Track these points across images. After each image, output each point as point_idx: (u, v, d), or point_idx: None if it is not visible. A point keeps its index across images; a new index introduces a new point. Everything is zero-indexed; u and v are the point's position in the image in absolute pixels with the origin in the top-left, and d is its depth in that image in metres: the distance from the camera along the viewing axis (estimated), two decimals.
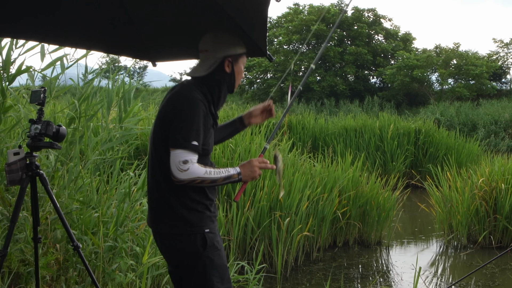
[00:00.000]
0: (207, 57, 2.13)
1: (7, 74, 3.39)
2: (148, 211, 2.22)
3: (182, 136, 1.96)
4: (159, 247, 2.24)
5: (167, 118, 2.03)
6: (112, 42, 2.65)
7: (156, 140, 2.09)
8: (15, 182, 2.63)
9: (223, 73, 2.13)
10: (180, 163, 1.94)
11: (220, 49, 2.12)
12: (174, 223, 2.08)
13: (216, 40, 2.14)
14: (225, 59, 2.12)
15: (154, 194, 2.15)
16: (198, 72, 2.12)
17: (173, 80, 37.87)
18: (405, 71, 25.01)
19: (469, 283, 5.19)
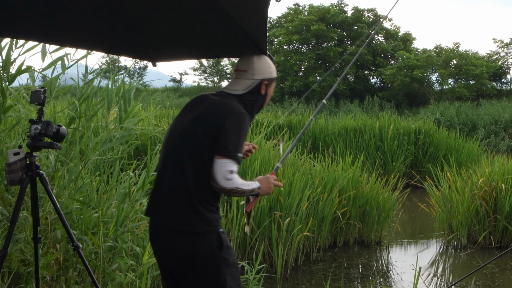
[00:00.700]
0: (245, 77, 2.26)
1: (7, 74, 3.39)
2: (159, 208, 2.19)
3: (233, 147, 2.10)
4: (165, 245, 2.19)
5: (213, 127, 2.12)
6: (112, 42, 2.65)
7: (191, 144, 2.14)
8: (15, 182, 2.63)
9: (258, 94, 2.27)
10: (227, 172, 2.07)
11: (259, 72, 2.26)
12: (192, 221, 2.12)
13: (256, 62, 2.27)
14: (262, 81, 2.26)
15: (174, 193, 2.15)
16: (235, 90, 2.25)
17: (173, 80, 37.84)
18: (405, 71, 25.02)
19: (469, 283, 5.19)
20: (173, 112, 9.70)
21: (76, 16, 2.33)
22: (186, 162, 2.14)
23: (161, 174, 2.24)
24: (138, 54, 2.78)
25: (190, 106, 2.30)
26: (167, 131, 2.31)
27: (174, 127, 2.27)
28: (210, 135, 2.11)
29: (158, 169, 2.28)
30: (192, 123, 2.18)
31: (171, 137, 2.25)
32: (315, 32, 27.60)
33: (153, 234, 2.26)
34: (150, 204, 2.27)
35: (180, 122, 2.25)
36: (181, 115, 2.30)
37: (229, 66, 35.06)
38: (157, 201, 2.21)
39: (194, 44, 2.55)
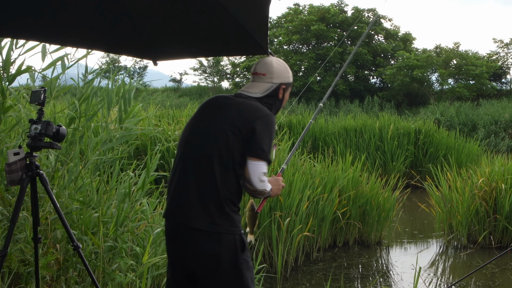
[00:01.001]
0: (263, 80, 2.27)
1: (7, 74, 3.38)
2: (182, 208, 2.16)
3: (267, 149, 2.13)
4: (187, 246, 2.15)
5: (244, 128, 2.13)
6: (113, 41, 2.65)
7: (220, 144, 2.13)
8: (15, 182, 2.63)
9: (276, 98, 2.29)
10: (261, 174, 2.11)
11: (278, 76, 2.27)
12: (218, 221, 2.12)
13: (275, 66, 2.28)
14: (280, 85, 2.28)
15: (201, 193, 2.13)
16: (253, 93, 2.26)
17: (173, 80, 37.82)
18: (405, 71, 25.01)
19: (469, 283, 5.19)
20: (173, 112, 9.69)
21: (76, 16, 2.33)
22: (214, 162, 2.12)
23: (182, 175, 2.19)
24: (139, 53, 2.78)
25: (209, 107, 2.28)
26: (185, 132, 2.29)
27: (195, 128, 2.25)
28: (241, 136, 2.12)
29: (177, 169, 2.23)
30: (219, 124, 2.16)
31: (193, 138, 2.23)
32: (315, 32, 27.60)
33: (172, 236, 2.22)
34: (170, 205, 2.22)
35: (202, 123, 2.23)
36: (201, 115, 2.28)
37: (229, 66, 35.04)
38: (179, 201, 2.18)
39: (195, 42, 2.55)
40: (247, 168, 2.11)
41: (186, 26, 2.38)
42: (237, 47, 2.61)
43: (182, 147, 2.27)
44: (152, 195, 4.77)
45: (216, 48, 2.76)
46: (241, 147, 2.12)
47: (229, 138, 2.12)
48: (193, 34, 2.38)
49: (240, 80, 32.55)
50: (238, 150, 2.12)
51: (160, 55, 2.69)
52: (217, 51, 3.60)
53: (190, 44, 2.56)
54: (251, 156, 2.11)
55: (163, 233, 3.82)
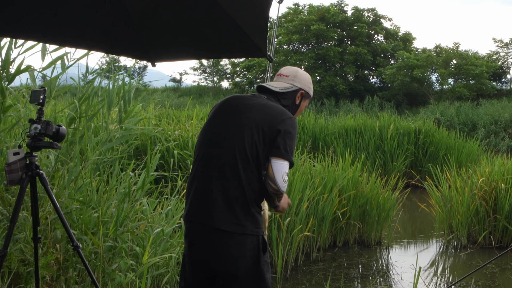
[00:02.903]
0: (285, 81, 2.33)
1: (6, 73, 3.38)
2: (206, 210, 2.14)
3: (291, 150, 2.14)
4: (211, 248, 2.13)
5: (269, 129, 2.14)
6: (112, 42, 2.65)
7: (244, 145, 2.13)
8: (15, 182, 2.62)
9: (292, 101, 2.33)
10: (285, 174, 2.11)
11: (299, 81, 2.34)
12: (245, 222, 2.11)
13: (300, 73, 2.37)
14: (299, 90, 2.33)
15: (227, 194, 2.11)
16: (273, 86, 2.29)
17: (173, 80, 37.82)
18: (405, 71, 25.01)
19: (469, 283, 5.19)
20: (173, 112, 9.69)
21: (75, 16, 2.33)
22: (238, 163, 2.11)
23: (204, 176, 2.17)
24: (138, 54, 2.78)
25: (229, 107, 2.26)
26: (205, 133, 2.27)
27: (216, 128, 2.23)
28: (265, 138, 2.13)
29: (198, 171, 2.21)
30: (243, 125, 2.15)
31: (214, 138, 2.21)
32: (315, 32, 27.59)
33: (195, 237, 2.19)
34: (193, 207, 2.19)
35: (223, 124, 2.21)
36: (221, 116, 2.25)
37: (229, 66, 35.05)
38: (203, 203, 2.15)
39: (194, 44, 2.55)
40: (271, 167, 2.10)
41: (185, 28, 2.38)
42: (236, 49, 2.61)
43: (202, 148, 2.25)
44: (152, 195, 4.77)
45: (215, 50, 2.76)
46: (265, 148, 2.13)
47: (254, 139, 2.12)
48: (192, 36, 2.38)
49: (240, 80, 32.55)
50: (262, 151, 2.12)
51: (159, 57, 2.69)
52: (216, 53, 3.59)
53: (189, 45, 2.56)
54: (275, 156, 2.11)
55: (163, 233, 3.82)
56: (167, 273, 3.85)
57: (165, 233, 3.83)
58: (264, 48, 2.32)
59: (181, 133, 6.66)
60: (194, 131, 6.67)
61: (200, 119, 8.67)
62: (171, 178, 5.75)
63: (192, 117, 7.89)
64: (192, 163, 6.16)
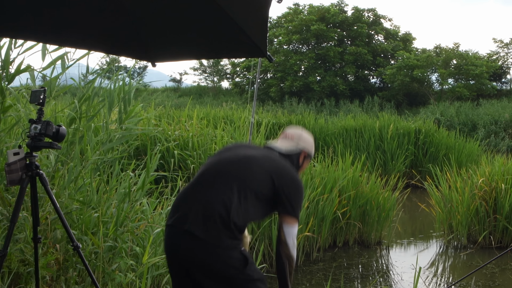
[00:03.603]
0: (290, 142, 2.52)
1: (6, 73, 3.38)
2: (189, 217, 2.21)
3: (298, 210, 2.32)
4: (185, 248, 2.20)
5: (278, 181, 2.28)
6: (111, 42, 2.65)
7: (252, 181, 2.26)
8: (15, 182, 2.62)
9: (296, 162, 2.49)
10: (294, 237, 2.31)
11: (304, 143, 2.52)
12: (221, 236, 2.18)
13: (304, 135, 2.56)
14: (302, 151, 2.51)
15: (212, 208, 2.19)
16: (279, 148, 2.48)
17: (173, 80, 37.83)
18: (405, 71, 25.00)
19: (469, 283, 5.19)
20: (173, 112, 9.68)
21: (75, 16, 2.33)
22: (238, 187, 2.22)
23: (200, 187, 2.27)
24: (138, 54, 2.78)
25: (245, 145, 2.50)
26: (216, 156, 2.43)
27: (226, 155, 2.39)
28: (272, 187, 2.27)
29: (198, 182, 2.30)
30: (256, 163, 2.31)
31: (226, 161, 2.34)
32: (315, 32, 27.58)
33: (172, 239, 2.25)
34: (180, 213, 2.25)
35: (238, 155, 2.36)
36: (238, 150, 2.43)
37: (229, 66, 35.04)
38: (189, 211, 2.22)
39: (194, 44, 2.55)
40: (283, 231, 2.29)
41: (185, 27, 2.38)
42: (236, 49, 2.61)
43: (212, 165, 2.36)
44: (152, 195, 4.77)
45: (215, 50, 2.76)
46: (267, 194, 2.26)
47: (261, 180, 2.26)
48: (192, 36, 2.38)
49: (240, 80, 32.53)
50: (266, 194, 2.26)
51: (158, 57, 2.68)
52: (216, 53, 3.59)
53: (189, 45, 2.56)
54: (284, 213, 2.29)
55: (163, 233, 3.82)
56: (167, 273, 3.85)
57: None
58: (264, 48, 2.32)
59: (181, 133, 6.66)
60: (194, 131, 6.68)
61: (200, 119, 8.67)
62: (171, 178, 5.75)
63: (192, 117, 7.89)
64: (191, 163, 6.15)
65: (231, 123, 8.62)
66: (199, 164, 5.99)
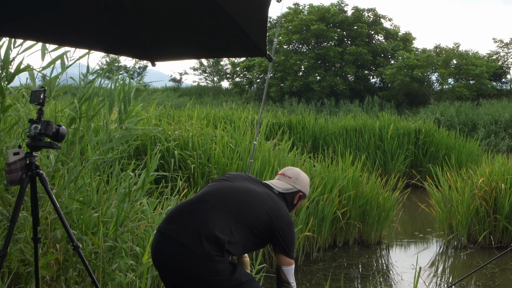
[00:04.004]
0: (288, 182, 2.62)
1: (6, 73, 3.38)
2: (185, 232, 2.26)
3: (292, 251, 2.46)
4: (172, 254, 2.25)
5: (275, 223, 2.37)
6: (111, 42, 2.64)
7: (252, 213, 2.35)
8: (15, 182, 2.62)
9: (291, 202, 2.60)
10: (293, 275, 2.49)
11: (300, 184, 2.63)
12: (204, 250, 2.23)
13: (302, 176, 2.66)
14: (299, 192, 2.62)
15: (207, 228, 2.24)
16: (277, 187, 2.58)
17: (173, 80, 37.82)
18: (405, 71, 24.99)
19: (469, 283, 5.19)
20: (173, 112, 9.68)
21: (75, 16, 2.33)
22: (238, 220, 2.30)
23: (202, 204, 2.33)
24: (138, 54, 2.77)
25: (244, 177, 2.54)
26: (224, 182, 2.50)
27: (231, 183, 2.47)
28: (267, 227, 2.35)
29: (199, 201, 2.36)
30: (257, 197, 2.39)
31: (229, 188, 2.43)
32: (315, 32, 27.58)
33: (162, 245, 2.29)
34: (175, 225, 2.30)
35: (241, 184, 2.46)
36: (237, 178, 2.52)
37: (229, 66, 35.03)
38: (185, 226, 2.27)
39: (194, 44, 2.54)
40: (283, 272, 2.45)
41: (184, 27, 2.38)
42: (236, 49, 2.61)
43: (214, 186, 2.45)
44: (152, 195, 4.77)
45: (215, 49, 2.76)
46: (261, 230, 2.35)
47: (259, 216, 2.34)
48: (192, 35, 2.37)
49: (240, 80, 32.53)
50: (260, 230, 2.35)
51: (158, 56, 2.68)
52: (216, 53, 3.60)
53: (189, 45, 2.56)
54: (282, 253, 2.42)
55: None
56: None
57: None
58: (264, 48, 2.32)
59: (181, 133, 6.66)
60: (194, 131, 6.67)
61: (201, 119, 8.67)
62: (171, 178, 5.75)
63: (192, 117, 7.89)
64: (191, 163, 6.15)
65: (231, 123, 8.62)
66: (199, 164, 5.99)
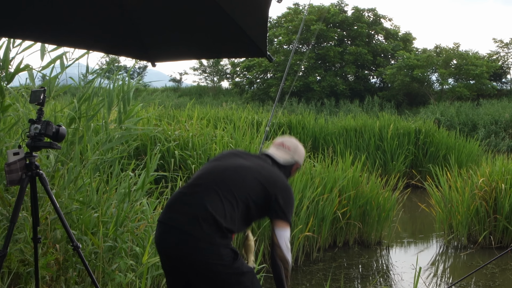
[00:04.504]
0: (288, 153, 2.63)
1: (5, 73, 3.38)
2: (184, 217, 2.28)
3: (290, 215, 2.41)
4: (176, 245, 2.25)
5: (270, 190, 2.38)
6: (111, 42, 2.64)
7: (247, 189, 2.35)
8: (15, 182, 2.62)
9: (288, 172, 2.63)
10: (288, 239, 2.38)
11: (298, 155, 2.67)
12: (207, 234, 2.24)
13: (299, 148, 2.69)
14: (296, 163, 2.65)
15: (206, 211, 2.25)
16: (278, 158, 2.59)
17: (173, 80, 37.81)
18: (405, 71, 24.99)
19: (469, 283, 5.19)
20: (173, 112, 9.68)
21: (74, 16, 2.32)
22: (233, 196, 2.31)
23: (196, 190, 2.34)
24: (138, 54, 2.77)
25: (243, 154, 2.55)
26: (212, 161, 2.53)
27: (222, 162, 2.47)
28: (265, 195, 2.36)
29: (193, 185, 2.37)
30: (250, 172, 2.39)
31: (221, 168, 2.43)
32: (315, 32, 27.57)
33: (164, 235, 2.30)
34: (174, 213, 2.32)
35: (234, 162, 2.45)
36: (229, 156, 2.53)
37: (228, 66, 35.03)
38: (183, 212, 2.29)
39: (194, 44, 2.54)
40: (275, 234, 2.37)
41: (185, 27, 2.38)
42: (236, 49, 2.61)
43: (205, 169, 2.46)
44: (152, 195, 4.77)
45: (215, 49, 2.75)
46: (260, 202, 2.36)
47: (255, 188, 2.35)
48: (192, 35, 2.37)
49: (240, 80, 32.53)
50: (256, 202, 2.35)
51: (158, 56, 2.68)
52: (216, 53, 3.59)
53: (189, 45, 2.56)
54: (276, 218, 2.37)
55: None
56: None
57: None
58: (264, 48, 2.32)
59: (181, 133, 6.66)
60: (194, 131, 6.67)
61: (201, 119, 8.66)
62: (171, 178, 5.75)
63: (192, 117, 7.89)
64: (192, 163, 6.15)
65: (231, 123, 8.62)
66: (199, 164, 5.99)
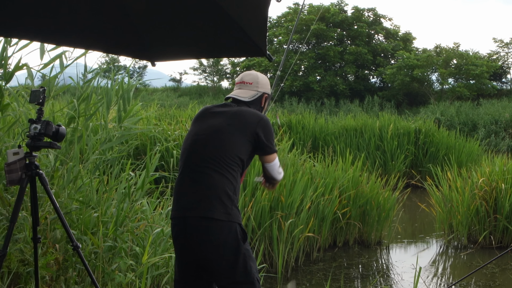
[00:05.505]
0: (250, 88, 2.60)
1: (4, 72, 3.37)
2: (191, 203, 2.34)
3: (273, 144, 2.49)
4: (200, 238, 2.30)
5: (249, 132, 2.42)
6: (111, 41, 2.63)
7: (230, 148, 2.39)
8: (15, 182, 2.62)
9: (259, 106, 2.62)
10: (279, 167, 2.54)
11: (262, 86, 2.63)
12: (230, 211, 2.33)
13: (261, 78, 2.65)
14: (264, 94, 2.63)
15: (215, 189, 2.33)
16: (243, 97, 2.57)
17: (172, 80, 37.81)
18: (405, 70, 25.01)
19: (469, 283, 5.19)
20: (173, 112, 9.68)
21: (74, 15, 2.32)
22: (223, 163, 2.36)
23: (191, 175, 2.39)
24: (137, 54, 2.77)
25: (209, 116, 2.52)
26: (189, 139, 2.51)
27: (200, 134, 2.47)
28: (246, 139, 2.41)
29: (185, 172, 2.42)
30: (224, 130, 2.41)
31: (199, 143, 2.44)
32: (315, 32, 27.59)
33: (182, 231, 2.35)
34: (180, 204, 2.38)
35: (205, 130, 2.46)
36: (202, 124, 2.51)
37: (228, 66, 35.03)
38: (190, 199, 2.35)
39: (194, 43, 2.54)
40: (267, 169, 2.51)
41: (184, 27, 2.37)
42: (236, 48, 2.61)
43: (187, 151, 2.47)
44: (152, 195, 4.76)
45: (215, 49, 2.75)
46: (247, 148, 2.41)
47: (236, 141, 2.40)
48: (192, 35, 2.37)
49: None
50: (244, 151, 2.40)
51: (158, 56, 2.67)
52: (216, 53, 3.60)
53: (188, 45, 2.55)
54: (264, 155, 2.47)
55: (163, 233, 3.82)
56: (167, 273, 3.84)
57: (165, 233, 3.83)
58: (264, 48, 2.31)
59: (181, 133, 6.66)
60: None
61: None
62: (171, 178, 5.75)
63: (192, 117, 7.88)
64: None
65: None
66: None
